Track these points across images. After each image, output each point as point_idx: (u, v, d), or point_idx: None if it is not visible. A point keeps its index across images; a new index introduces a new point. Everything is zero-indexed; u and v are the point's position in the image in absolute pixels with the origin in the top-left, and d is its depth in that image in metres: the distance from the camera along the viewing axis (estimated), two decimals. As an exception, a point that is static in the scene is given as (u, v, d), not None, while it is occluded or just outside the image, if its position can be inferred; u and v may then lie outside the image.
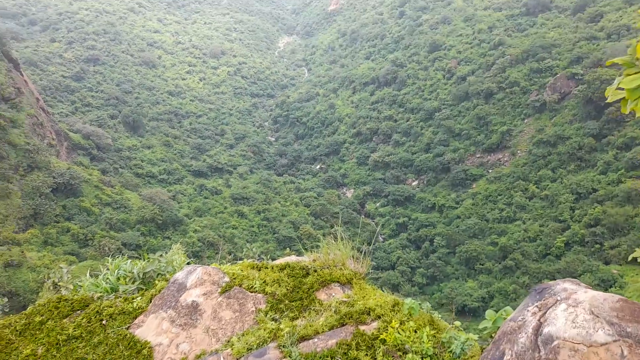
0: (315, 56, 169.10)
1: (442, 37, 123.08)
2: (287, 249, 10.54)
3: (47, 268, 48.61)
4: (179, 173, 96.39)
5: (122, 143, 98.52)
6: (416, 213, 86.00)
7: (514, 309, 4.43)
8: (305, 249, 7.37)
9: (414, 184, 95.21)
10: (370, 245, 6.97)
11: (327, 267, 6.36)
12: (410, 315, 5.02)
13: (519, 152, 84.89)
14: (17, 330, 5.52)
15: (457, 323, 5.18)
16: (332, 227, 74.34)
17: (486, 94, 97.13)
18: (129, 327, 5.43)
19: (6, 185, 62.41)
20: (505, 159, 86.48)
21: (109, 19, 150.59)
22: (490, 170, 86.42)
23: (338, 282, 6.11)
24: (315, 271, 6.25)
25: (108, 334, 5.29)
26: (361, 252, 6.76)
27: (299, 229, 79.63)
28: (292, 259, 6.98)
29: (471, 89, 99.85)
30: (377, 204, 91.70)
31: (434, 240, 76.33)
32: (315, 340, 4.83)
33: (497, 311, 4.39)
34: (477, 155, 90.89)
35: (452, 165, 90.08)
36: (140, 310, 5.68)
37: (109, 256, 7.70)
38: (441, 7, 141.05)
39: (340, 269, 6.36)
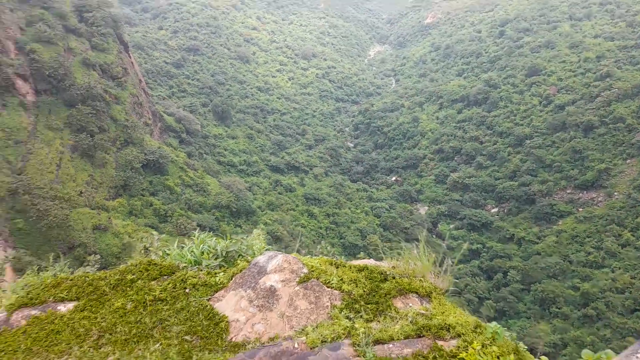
0: (405, 67, 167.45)
1: (543, 61, 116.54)
2: (361, 253, 10.43)
3: (129, 236, 52.50)
4: (257, 166, 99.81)
5: (209, 130, 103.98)
6: (492, 242, 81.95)
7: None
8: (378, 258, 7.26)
9: (493, 210, 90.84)
10: (454, 262, 6.67)
11: (407, 277, 6.18)
12: (493, 339, 4.73)
13: (616, 193, 77.94)
14: (110, 284, 5.92)
15: (544, 358, 4.83)
16: (399, 242, 72.93)
17: (586, 126, 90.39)
18: (209, 299, 5.63)
19: (104, 155, 68.33)
20: (599, 199, 79.72)
21: (213, 13, 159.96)
22: (580, 209, 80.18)
23: (417, 293, 5.92)
24: (394, 278, 6.09)
25: (190, 302, 5.52)
26: (442, 267, 6.50)
27: (366, 237, 79.11)
28: (371, 262, 6.87)
29: (569, 120, 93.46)
30: (451, 226, 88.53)
31: (508, 274, 72.22)
32: (390, 346, 4.69)
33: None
34: (568, 191, 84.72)
35: (538, 197, 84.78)
36: (221, 286, 5.88)
37: (184, 234, 8.03)
38: (545, 30, 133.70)
39: (420, 280, 6.16)
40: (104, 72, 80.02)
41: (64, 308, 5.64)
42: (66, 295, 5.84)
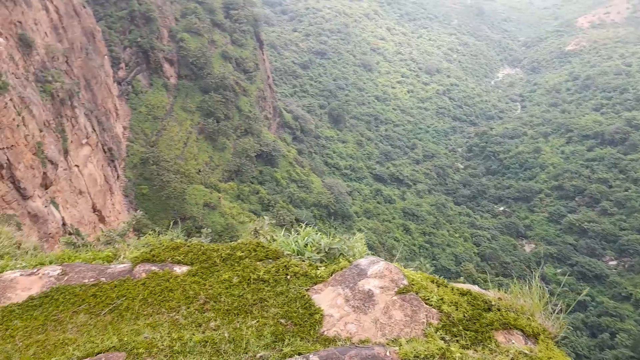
0: (534, 94, 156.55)
1: None
2: (461, 278, 9.96)
3: (233, 218, 55.96)
4: (361, 172, 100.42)
5: (322, 132, 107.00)
6: (603, 297, 73.39)
7: None
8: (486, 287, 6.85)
9: (611, 263, 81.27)
10: (568, 308, 6.07)
11: (513, 311, 5.76)
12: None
13: None
14: (221, 257, 6.35)
15: None
16: (497, 275, 68.31)
17: None
18: (308, 289, 5.77)
19: (225, 140, 73.70)
20: None
21: (345, 20, 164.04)
22: None
23: (522, 330, 5.47)
24: (499, 310, 5.71)
25: (290, 288, 5.71)
26: (554, 311, 5.94)
27: (460, 264, 75.51)
28: (475, 288, 6.54)
29: None
30: (558, 271, 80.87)
31: (617, 335, 64.19)
32: (487, 379, 4.40)
33: None
34: None
35: (669, 258, 74.19)
36: (320, 279, 5.99)
37: (281, 225, 8.31)
38: None
39: (528, 318, 5.69)
40: (238, 65, 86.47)
41: (179, 270, 6.15)
42: (182, 259, 6.37)
